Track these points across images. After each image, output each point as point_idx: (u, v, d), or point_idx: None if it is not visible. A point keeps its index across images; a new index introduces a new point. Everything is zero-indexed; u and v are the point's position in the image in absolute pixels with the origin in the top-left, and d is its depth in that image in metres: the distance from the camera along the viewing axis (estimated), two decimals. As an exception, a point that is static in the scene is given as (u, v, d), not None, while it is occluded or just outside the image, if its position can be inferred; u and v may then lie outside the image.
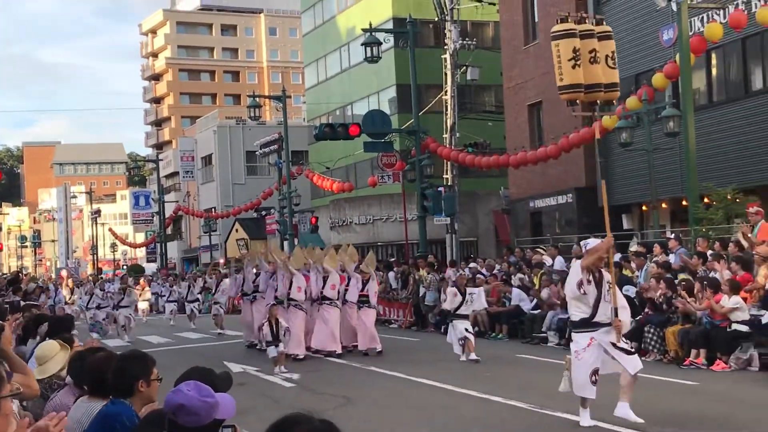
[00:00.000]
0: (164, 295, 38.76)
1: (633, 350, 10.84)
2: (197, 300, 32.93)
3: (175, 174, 72.68)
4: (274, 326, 17.37)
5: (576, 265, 10.78)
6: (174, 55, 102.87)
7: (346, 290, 20.19)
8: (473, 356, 17.52)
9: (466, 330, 17.90)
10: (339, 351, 19.53)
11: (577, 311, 10.61)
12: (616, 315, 10.41)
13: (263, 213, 52.82)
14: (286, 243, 41.74)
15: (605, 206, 11.58)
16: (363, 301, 20.17)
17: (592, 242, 10.74)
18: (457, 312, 18.13)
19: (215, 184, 64.64)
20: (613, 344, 10.46)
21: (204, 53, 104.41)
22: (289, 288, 19.82)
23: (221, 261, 54.68)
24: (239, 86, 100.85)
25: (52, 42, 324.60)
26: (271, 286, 21.38)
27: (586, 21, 11.88)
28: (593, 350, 10.43)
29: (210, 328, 28.92)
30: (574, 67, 11.18)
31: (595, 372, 10.42)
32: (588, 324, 10.46)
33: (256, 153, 54.74)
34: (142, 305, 39.22)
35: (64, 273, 56.70)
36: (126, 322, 28.03)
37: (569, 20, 11.77)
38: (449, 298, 18.27)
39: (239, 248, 56.71)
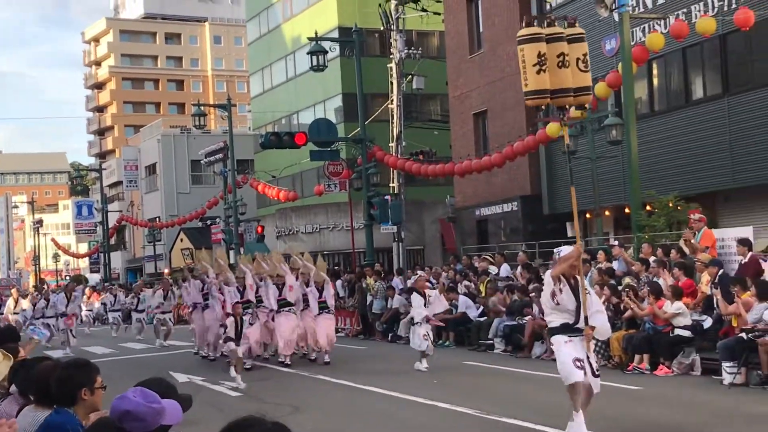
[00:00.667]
0: (109, 306, 38.14)
1: (598, 372, 10.60)
2: (144, 311, 32.19)
3: (118, 183, 71.93)
4: (239, 324, 17.28)
5: (547, 275, 10.68)
6: (117, 64, 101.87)
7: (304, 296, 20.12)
8: (423, 365, 17.42)
9: (427, 335, 17.67)
10: (289, 362, 19.47)
11: (557, 318, 10.40)
12: (587, 323, 10.21)
13: (208, 222, 52.41)
14: (231, 252, 41.49)
15: (575, 212, 11.58)
16: (322, 307, 19.87)
17: (565, 250, 10.58)
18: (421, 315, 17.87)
19: (159, 193, 64.09)
20: (587, 356, 10.29)
21: (148, 62, 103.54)
22: (280, 294, 19.65)
23: (166, 271, 54.19)
24: (183, 95, 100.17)
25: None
26: (220, 297, 20.78)
27: (555, 24, 11.55)
28: (573, 344, 10.21)
29: (154, 338, 28.68)
30: (539, 72, 10.75)
31: (578, 359, 10.12)
32: (570, 329, 10.27)
33: (201, 162, 54.29)
34: (87, 314, 38.65)
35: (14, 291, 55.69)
36: (67, 331, 27.33)
37: (535, 24, 11.43)
38: (418, 304, 17.90)
39: (184, 258, 56.23)
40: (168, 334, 28.04)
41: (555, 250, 11.18)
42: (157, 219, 61.67)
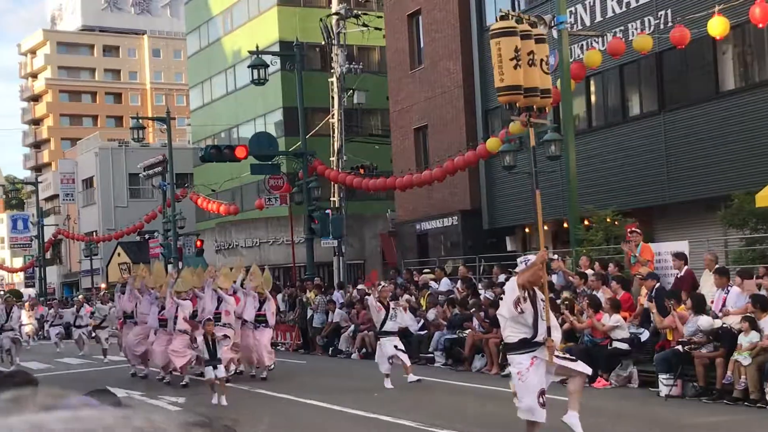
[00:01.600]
0: (48, 320, 37.34)
1: (574, 357, 10.68)
2: (87, 325, 31.57)
3: (54, 197, 70.89)
4: (211, 343, 15.97)
5: (512, 282, 10.25)
6: (54, 76, 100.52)
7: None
8: (413, 377, 16.61)
9: (396, 347, 16.80)
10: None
11: (514, 332, 9.95)
12: (549, 334, 9.91)
13: (146, 236, 51.88)
14: (170, 266, 41.10)
15: (539, 217, 11.41)
16: (260, 320, 19.46)
17: (530, 258, 10.31)
18: (383, 329, 17.09)
19: (97, 207, 63.28)
20: (557, 356, 10.09)
21: (85, 74, 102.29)
22: (217, 308, 18.89)
23: (102, 286, 53.48)
24: (122, 108, 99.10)
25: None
26: (153, 311, 20.26)
27: (524, 22, 11.16)
28: (537, 370, 9.85)
29: (93, 353, 28.29)
30: (516, 67, 10.11)
31: (542, 393, 9.81)
32: (528, 344, 9.89)
33: (140, 175, 53.79)
34: (27, 329, 37.71)
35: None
36: (11, 346, 26.40)
37: (510, 18, 10.97)
38: (373, 311, 17.30)
39: (122, 272, 55.52)
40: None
41: (519, 260, 10.84)
42: (94, 233, 60.85)
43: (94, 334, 28.63)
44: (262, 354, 19.15)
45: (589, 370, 10.41)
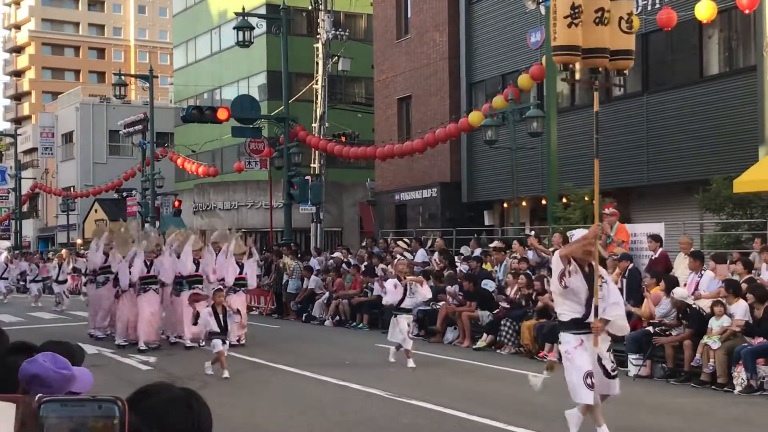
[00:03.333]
0: (29, 275, 36.49)
1: (615, 372, 9.57)
2: (66, 281, 31.23)
3: (33, 150, 70.41)
4: (221, 314, 14.64)
5: (556, 255, 9.68)
6: (38, 28, 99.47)
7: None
8: (411, 363, 15.22)
9: (408, 325, 15.66)
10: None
11: (566, 310, 9.32)
12: (596, 315, 9.17)
13: (124, 194, 51.64)
14: (147, 225, 40.99)
15: (596, 189, 10.61)
16: (240, 284, 19.21)
17: (578, 233, 9.71)
18: (401, 306, 15.77)
19: (75, 162, 62.92)
20: (600, 354, 9.29)
21: (69, 28, 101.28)
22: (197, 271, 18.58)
23: (78, 241, 53.28)
24: (104, 64, 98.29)
25: None
26: (123, 270, 18.75)
27: None
28: (584, 351, 9.19)
29: (67, 308, 28.30)
30: (570, 26, 9.47)
31: (590, 375, 9.09)
32: (580, 324, 9.24)
33: (120, 132, 53.43)
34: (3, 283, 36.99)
35: None
36: None
37: None
38: (389, 291, 15.85)
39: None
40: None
41: (568, 233, 10.37)
42: (72, 188, 60.55)
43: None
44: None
45: (612, 392, 9.46)
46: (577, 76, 13.12)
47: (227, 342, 14.60)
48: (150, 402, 2.44)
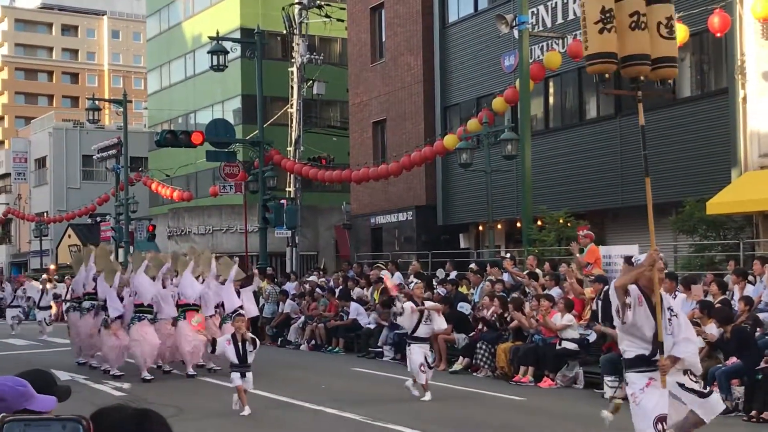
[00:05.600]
0: (6, 300, 34.73)
1: (707, 390, 8.58)
2: (50, 307, 30.42)
3: (6, 175, 69.90)
4: (240, 345, 13.09)
5: (611, 287, 8.51)
6: (11, 53, 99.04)
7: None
8: (427, 396, 14.04)
9: (426, 359, 14.38)
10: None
11: (630, 346, 8.31)
12: (662, 351, 8.11)
13: (98, 219, 51.37)
14: (121, 251, 40.74)
15: (649, 205, 9.36)
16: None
17: (641, 258, 8.84)
18: (414, 334, 14.56)
19: (49, 187, 62.52)
20: (680, 384, 8.24)
21: (42, 53, 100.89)
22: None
23: (52, 267, 52.86)
24: (78, 88, 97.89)
25: None
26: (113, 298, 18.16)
27: None
28: (654, 392, 8.14)
29: (36, 335, 27.94)
30: (602, 32, 8.76)
31: (661, 419, 8.02)
32: (647, 362, 8.19)
33: (94, 157, 53.21)
34: None
35: None
36: None
37: None
38: (407, 314, 14.49)
39: (71, 254, 54.92)
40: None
41: (633, 259, 9.53)
42: (45, 213, 60.13)
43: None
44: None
45: (714, 412, 8.41)
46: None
47: (247, 375, 13.03)
48: (102, 423, 2.41)
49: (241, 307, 18.45)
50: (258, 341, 13.56)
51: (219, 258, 19.97)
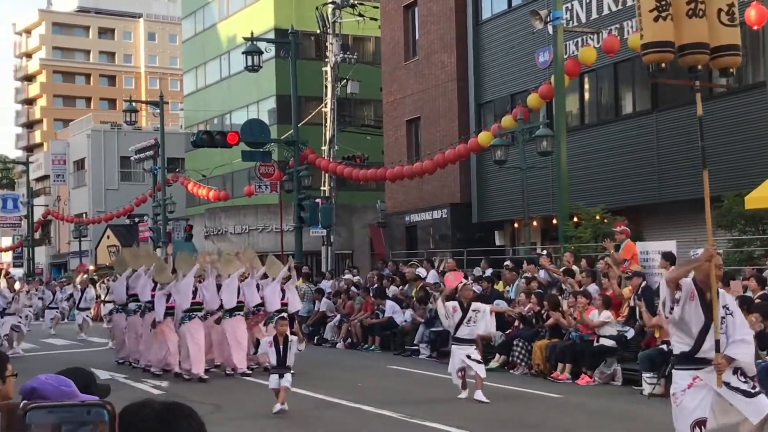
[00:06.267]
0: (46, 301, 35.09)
1: (755, 390, 8.00)
2: (89, 308, 30.53)
3: (45, 177, 70.68)
4: (282, 346, 13.03)
5: (662, 281, 8.44)
6: (49, 56, 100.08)
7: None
8: (480, 395, 13.52)
9: (469, 357, 13.77)
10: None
11: (677, 342, 8.12)
12: (718, 350, 7.81)
13: (136, 220, 51.82)
14: (159, 251, 41.04)
15: (707, 201, 9.16)
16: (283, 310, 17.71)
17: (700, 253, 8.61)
18: (456, 335, 14.13)
19: (87, 189, 63.13)
20: (726, 383, 7.86)
21: (80, 56, 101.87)
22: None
23: (91, 268, 53.36)
24: (115, 91, 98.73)
25: None
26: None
27: None
28: (696, 393, 7.87)
29: (75, 335, 28.24)
30: (657, 20, 8.45)
31: (700, 423, 7.79)
32: (689, 359, 7.96)
33: (131, 158, 53.73)
34: (25, 311, 35.25)
35: None
36: (10, 332, 24.00)
37: None
38: (441, 314, 14.28)
39: (110, 255, 55.42)
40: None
41: (691, 253, 9.03)
42: (84, 215, 60.74)
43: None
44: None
45: (762, 413, 7.93)
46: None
47: (286, 376, 12.91)
48: (127, 418, 2.43)
49: (285, 305, 18.27)
50: (304, 339, 13.45)
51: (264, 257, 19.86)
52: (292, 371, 13.07)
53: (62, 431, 1.57)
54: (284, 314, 15.26)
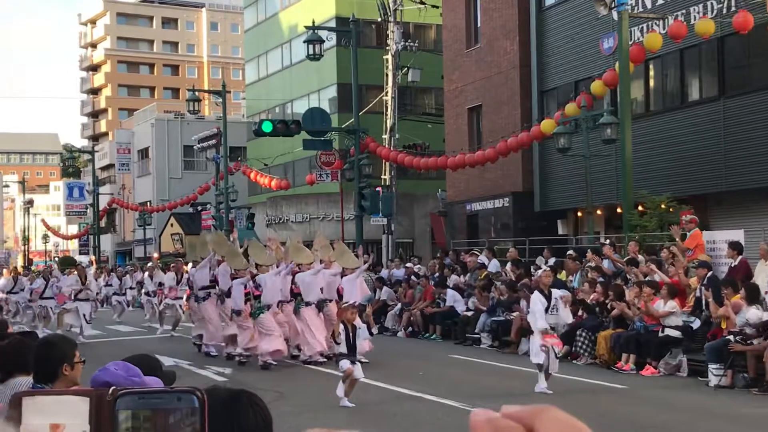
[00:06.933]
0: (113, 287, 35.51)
1: None
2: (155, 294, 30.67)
3: (110, 166, 71.72)
4: (351, 333, 13.01)
5: None
6: (113, 47, 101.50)
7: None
8: (543, 386, 13.50)
9: (552, 351, 13.44)
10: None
11: None
12: None
13: (199, 208, 52.34)
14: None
15: None
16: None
17: None
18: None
19: (151, 177, 63.90)
20: None
21: (144, 46, 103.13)
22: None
23: (155, 256, 54.04)
24: (178, 80, 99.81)
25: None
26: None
27: None
28: None
29: (142, 321, 28.56)
30: None
31: None
32: None
33: (194, 147, 54.26)
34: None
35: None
36: (82, 316, 24.46)
37: None
38: (534, 306, 13.73)
39: (173, 243, 56.13)
40: (177, 323, 25.76)
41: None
42: (148, 203, 61.51)
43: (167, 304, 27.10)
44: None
45: None
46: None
47: (356, 362, 12.95)
48: None
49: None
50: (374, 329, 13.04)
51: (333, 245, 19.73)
52: (363, 359, 12.92)
53: (170, 420, 1.53)
54: (354, 302, 15.08)
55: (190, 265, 24.22)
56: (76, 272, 26.62)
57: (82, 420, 1.59)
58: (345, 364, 12.77)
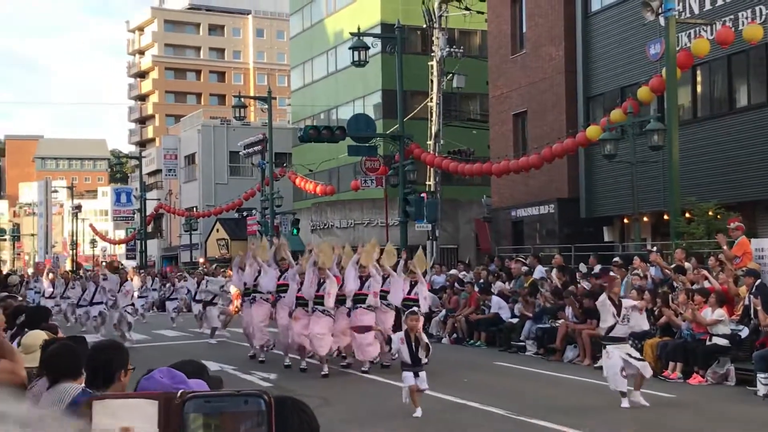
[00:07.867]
0: (164, 293, 35.57)
1: None
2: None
3: (157, 172, 72.44)
4: (413, 343, 12.37)
5: None
6: (161, 53, 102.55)
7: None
8: (638, 397, 12.76)
9: (630, 356, 12.94)
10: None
11: None
12: None
13: (244, 214, 52.70)
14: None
15: None
16: (407, 305, 16.95)
17: None
18: (611, 335, 13.12)
19: (197, 183, 64.45)
20: None
21: (191, 52, 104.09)
22: (318, 290, 17.22)
23: (201, 260, 54.47)
24: (225, 86, 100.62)
25: (37, 36, 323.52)
26: (292, 289, 18.18)
27: None
28: None
29: (188, 326, 28.78)
30: None
31: None
32: None
33: (240, 153, 54.64)
34: (140, 302, 35.77)
35: (47, 264, 55.82)
36: (121, 319, 24.79)
37: None
38: (603, 312, 13.21)
39: (219, 248, 56.56)
40: (227, 323, 26.10)
41: None
42: (194, 208, 62.06)
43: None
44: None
45: None
46: None
47: (421, 375, 12.31)
48: None
49: (413, 300, 17.67)
50: (431, 348, 12.74)
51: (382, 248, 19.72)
52: (424, 368, 12.44)
53: (242, 429, 1.57)
54: (414, 309, 14.42)
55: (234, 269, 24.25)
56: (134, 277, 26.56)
57: (151, 423, 1.63)
58: (409, 378, 12.19)
